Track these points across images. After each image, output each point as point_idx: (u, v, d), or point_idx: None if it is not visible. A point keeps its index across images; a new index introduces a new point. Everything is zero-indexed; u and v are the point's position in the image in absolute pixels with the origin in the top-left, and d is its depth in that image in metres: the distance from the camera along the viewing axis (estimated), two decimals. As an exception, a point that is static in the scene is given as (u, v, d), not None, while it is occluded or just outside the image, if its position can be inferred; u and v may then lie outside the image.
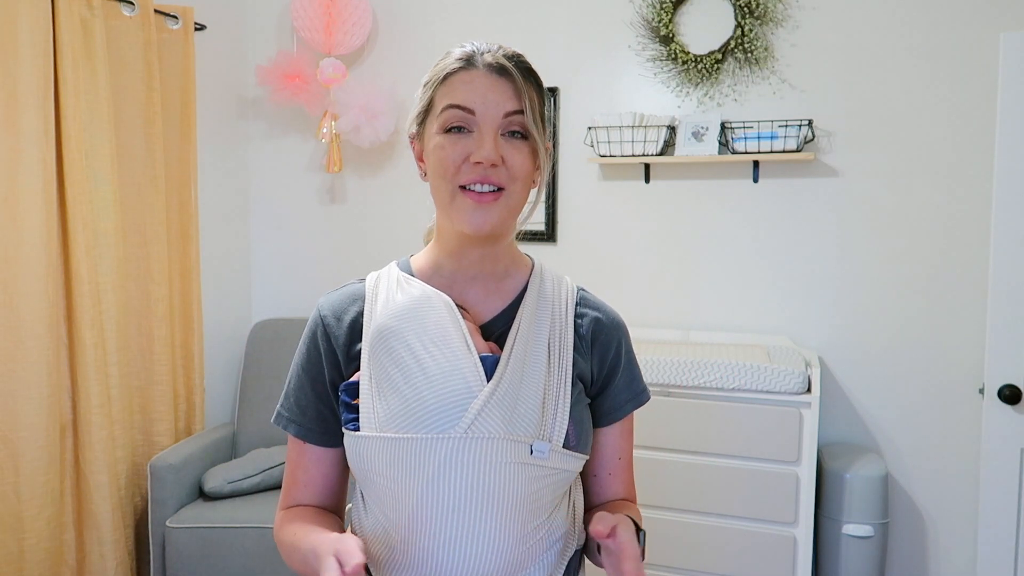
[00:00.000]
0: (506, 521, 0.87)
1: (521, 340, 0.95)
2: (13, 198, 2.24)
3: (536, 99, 0.95)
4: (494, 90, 0.91)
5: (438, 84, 0.94)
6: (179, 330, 2.82)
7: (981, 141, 2.41)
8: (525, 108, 0.92)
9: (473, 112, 0.91)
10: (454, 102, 0.91)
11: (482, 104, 0.91)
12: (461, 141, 0.91)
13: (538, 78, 0.97)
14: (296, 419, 1.00)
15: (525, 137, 0.93)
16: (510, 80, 0.92)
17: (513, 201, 0.94)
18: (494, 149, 0.90)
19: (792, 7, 2.58)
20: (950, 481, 2.51)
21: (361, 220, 3.19)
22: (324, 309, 1.01)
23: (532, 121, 0.92)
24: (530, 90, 0.93)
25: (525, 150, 0.93)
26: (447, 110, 0.92)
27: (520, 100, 0.92)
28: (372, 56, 3.11)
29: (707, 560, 2.29)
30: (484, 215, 0.92)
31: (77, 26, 2.37)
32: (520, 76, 0.93)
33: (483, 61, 0.92)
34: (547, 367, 0.95)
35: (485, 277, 1.00)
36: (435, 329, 0.93)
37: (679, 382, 2.29)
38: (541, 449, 0.90)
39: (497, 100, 0.91)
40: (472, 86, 0.91)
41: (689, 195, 2.74)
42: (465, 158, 0.91)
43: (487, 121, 0.91)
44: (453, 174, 0.92)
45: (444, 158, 0.92)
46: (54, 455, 2.34)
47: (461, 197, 0.92)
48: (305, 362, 1.01)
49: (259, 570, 2.41)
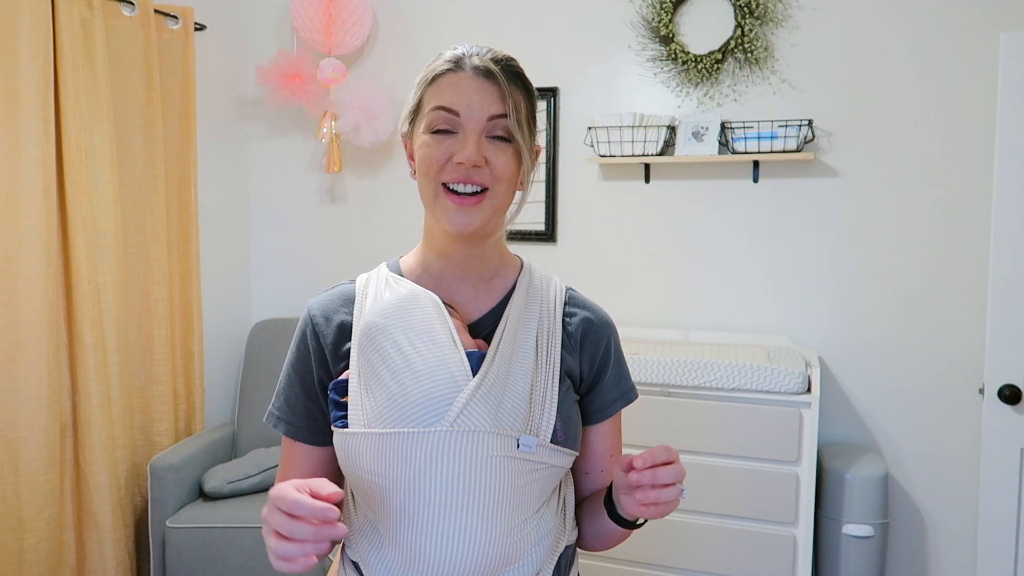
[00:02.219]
0: (493, 515, 0.88)
1: (508, 336, 0.96)
2: (13, 198, 2.24)
3: (522, 102, 0.96)
4: (479, 93, 0.93)
5: (427, 85, 0.96)
6: (179, 330, 2.82)
7: (981, 141, 2.41)
8: (509, 112, 0.93)
9: (458, 114, 0.93)
10: (440, 103, 0.93)
11: (467, 106, 0.92)
12: (446, 141, 0.93)
13: (526, 82, 0.99)
14: (286, 418, 1.02)
15: (509, 139, 0.95)
16: (495, 83, 0.93)
17: (497, 202, 0.96)
18: (476, 150, 0.92)
19: (792, 7, 2.58)
20: (950, 481, 2.51)
21: (361, 220, 3.19)
22: (314, 309, 1.03)
23: (516, 125, 0.94)
24: (516, 93, 0.95)
25: (509, 152, 0.95)
26: (434, 111, 0.94)
27: (504, 104, 0.93)
28: (372, 56, 3.12)
29: (707, 560, 2.29)
30: (467, 216, 0.93)
31: (77, 26, 2.37)
32: (506, 80, 0.94)
33: (470, 64, 0.94)
34: (535, 363, 0.96)
35: (473, 277, 1.02)
36: (422, 325, 0.94)
37: (679, 382, 2.29)
38: (528, 443, 0.90)
39: (482, 103, 0.93)
40: (458, 88, 0.93)
41: (689, 195, 2.74)
42: (449, 158, 0.93)
43: (471, 123, 0.93)
44: (436, 172, 0.94)
45: (428, 156, 0.94)
46: (54, 455, 2.34)
47: (444, 197, 0.94)
48: (295, 361, 1.03)
49: (259, 570, 2.41)
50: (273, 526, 0.79)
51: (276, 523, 0.79)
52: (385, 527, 0.90)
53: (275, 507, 0.79)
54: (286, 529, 0.78)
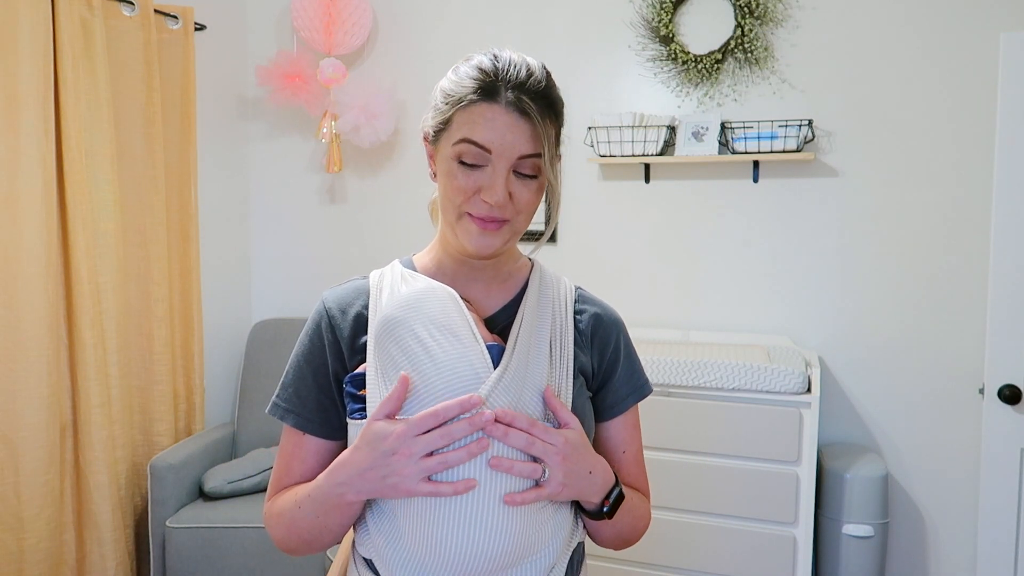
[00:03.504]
0: (512, 506, 0.88)
1: (525, 331, 0.96)
2: (13, 198, 2.24)
3: (554, 134, 0.96)
4: (512, 131, 0.91)
5: (458, 106, 0.93)
6: (179, 330, 2.82)
7: (981, 141, 2.41)
8: (543, 151, 0.93)
9: (490, 152, 0.91)
10: (472, 137, 0.91)
11: (499, 144, 0.91)
12: (473, 174, 0.92)
13: (557, 105, 0.97)
14: (295, 409, 1.00)
15: (536, 176, 0.95)
16: (530, 122, 0.92)
17: (517, 228, 0.97)
18: (504, 190, 0.92)
19: (792, 7, 2.58)
20: (950, 481, 2.51)
21: (361, 220, 3.19)
22: (329, 302, 1.02)
23: (547, 161, 0.94)
24: (548, 127, 0.94)
25: (534, 187, 0.95)
26: (464, 143, 0.92)
27: (537, 143, 0.92)
28: (372, 56, 3.11)
29: (707, 560, 2.29)
30: (488, 240, 0.94)
31: (77, 26, 2.37)
32: (540, 117, 0.92)
33: (506, 99, 0.91)
34: (549, 360, 0.97)
35: (487, 278, 1.03)
36: (441, 318, 0.93)
37: (679, 382, 2.29)
38: None
39: (515, 142, 0.91)
40: (492, 125, 0.91)
41: (689, 195, 2.74)
42: (475, 191, 0.93)
43: (502, 161, 0.92)
44: (462, 202, 0.94)
45: (455, 187, 0.93)
46: (54, 455, 2.34)
47: (467, 220, 0.94)
48: (308, 353, 1.01)
49: (259, 570, 2.41)
50: (422, 450, 0.83)
51: (427, 444, 0.83)
52: (406, 518, 0.89)
53: (406, 436, 0.84)
54: (442, 440, 0.84)
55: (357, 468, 0.87)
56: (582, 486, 0.92)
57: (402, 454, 0.84)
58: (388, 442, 0.84)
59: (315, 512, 0.93)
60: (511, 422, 0.87)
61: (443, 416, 0.84)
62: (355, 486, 0.88)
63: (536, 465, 0.88)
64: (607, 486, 0.95)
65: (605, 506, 0.95)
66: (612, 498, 0.95)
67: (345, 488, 0.89)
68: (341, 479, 0.89)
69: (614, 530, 1.02)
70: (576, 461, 0.91)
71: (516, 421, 0.87)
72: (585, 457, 0.92)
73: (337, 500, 0.90)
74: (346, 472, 0.88)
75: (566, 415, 0.93)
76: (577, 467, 0.91)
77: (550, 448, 0.88)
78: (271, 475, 1.05)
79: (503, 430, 0.86)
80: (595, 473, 0.93)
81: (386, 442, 0.85)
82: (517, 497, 0.87)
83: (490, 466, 0.86)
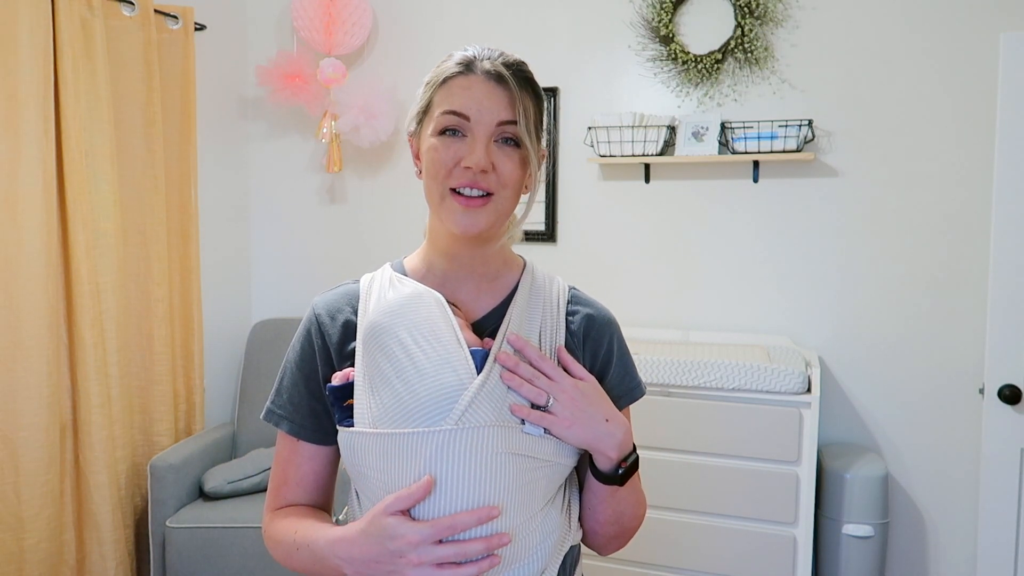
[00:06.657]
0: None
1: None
2: (13, 198, 2.24)
3: (532, 108, 0.97)
4: (490, 97, 0.93)
5: (437, 87, 0.96)
6: (179, 330, 2.82)
7: (981, 141, 2.41)
8: (519, 118, 0.94)
9: (468, 118, 0.93)
10: (450, 107, 0.93)
11: (477, 111, 0.93)
12: (454, 145, 0.94)
13: (536, 87, 0.99)
14: (289, 416, 1.01)
15: (518, 145, 0.95)
16: (506, 88, 0.94)
17: (502, 206, 0.96)
18: (485, 156, 0.92)
19: (792, 7, 2.58)
20: (950, 481, 2.51)
21: (361, 220, 3.19)
22: (319, 307, 1.03)
23: (525, 130, 0.95)
24: (525, 99, 0.95)
25: (516, 158, 0.95)
26: (443, 115, 0.94)
27: (514, 110, 0.94)
28: (372, 56, 3.12)
29: (707, 560, 2.29)
30: (472, 218, 0.94)
31: (77, 26, 2.37)
32: (516, 85, 0.94)
33: (482, 68, 0.94)
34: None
35: (477, 277, 1.02)
36: (426, 324, 0.94)
37: (679, 382, 2.29)
38: (532, 430, 0.91)
39: (492, 108, 0.93)
40: (469, 92, 0.93)
41: (689, 195, 2.74)
42: (457, 162, 0.93)
43: (481, 127, 0.93)
44: (444, 176, 0.94)
45: (436, 160, 0.94)
46: (54, 455, 2.34)
47: (451, 199, 0.94)
48: (299, 359, 1.02)
49: (259, 570, 2.41)
50: (432, 561, 0.83)
51: (438, 557, 0.83)
52: None
53: (418, 546, 0.83)
54: (455, 557, 0.83)
55: (362, 555, 0.86)
56: (597, 432, 0.93)
57: (411, 560, 0.83)
58: (398, 543, 0.84)
59: (312, 562, 0.94)
60: (522, 348, 0.93)
61: (459, 529, 0.84)
62: (356, 567, 0.87)
63: (541, 391, 0.91)
64: (625, 447, 0.95)
65: (621, 468, 0.95)
66: (629, 461, 0.96)
67: (346, 565, 0.88)
68: (343, 555, 0.88)
69: (617, 508, 1.00)
70: (588, 404, 0.92)
71: (526, 349, 0.93)
72: (599, 404, 0.94)
73: (334, 568, 0.90)
74: (349, 552, 0.88)
75: (579, 370, 0.96)
76: (589, 410, 0.92)
77: (555, 385, 0.91)
78: (269, 480, 1.05)
79: (514, 360, 0.91)
80: (612, 423, 0.94)
81: (395, 543, 0.84)
82: (524, 410, 0.90)
83: (502, 379, 0.91)
